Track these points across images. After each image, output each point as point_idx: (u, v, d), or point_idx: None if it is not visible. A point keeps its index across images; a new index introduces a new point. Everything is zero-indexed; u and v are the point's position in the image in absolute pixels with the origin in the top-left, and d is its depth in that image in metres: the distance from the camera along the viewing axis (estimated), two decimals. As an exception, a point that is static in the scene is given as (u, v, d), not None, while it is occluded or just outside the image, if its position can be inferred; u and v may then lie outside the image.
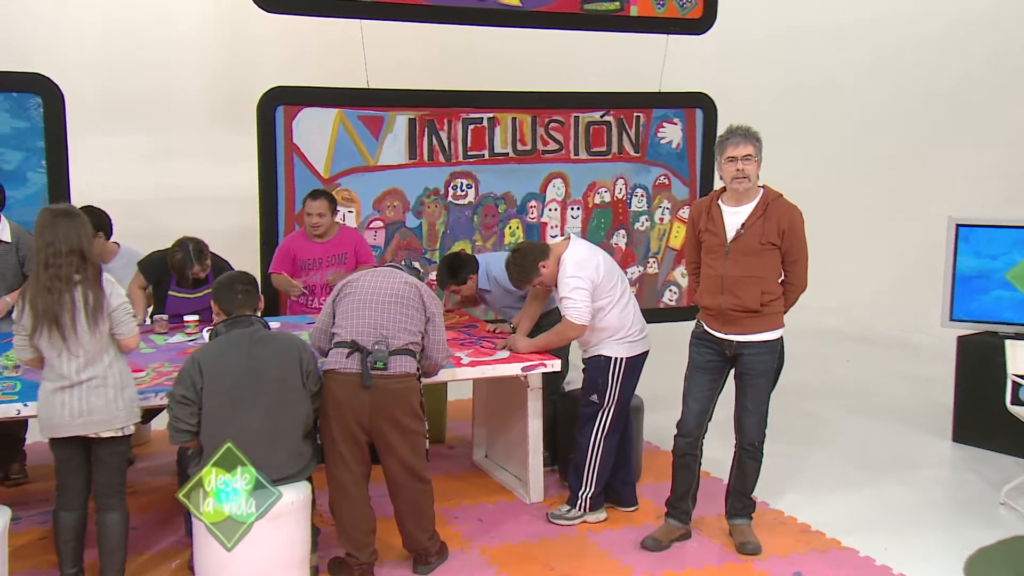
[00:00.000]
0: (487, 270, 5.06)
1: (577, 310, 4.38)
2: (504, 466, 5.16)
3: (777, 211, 4.09)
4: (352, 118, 5.79)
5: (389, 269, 4.05)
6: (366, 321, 3.81)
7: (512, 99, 6.21)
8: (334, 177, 5.80)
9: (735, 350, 4.17)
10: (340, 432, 3.76)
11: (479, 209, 6.22)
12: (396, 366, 3.79)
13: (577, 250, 4.51)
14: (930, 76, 8.78)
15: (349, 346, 3.76)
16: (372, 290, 3.89)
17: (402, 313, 3.86)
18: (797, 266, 4.17)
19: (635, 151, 6.57)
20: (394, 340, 3.80)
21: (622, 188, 6.58)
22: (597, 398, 4.53)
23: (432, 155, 6.02)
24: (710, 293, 4.18)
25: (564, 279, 4.41)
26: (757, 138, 4.09)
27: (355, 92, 5.78)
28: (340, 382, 3.75)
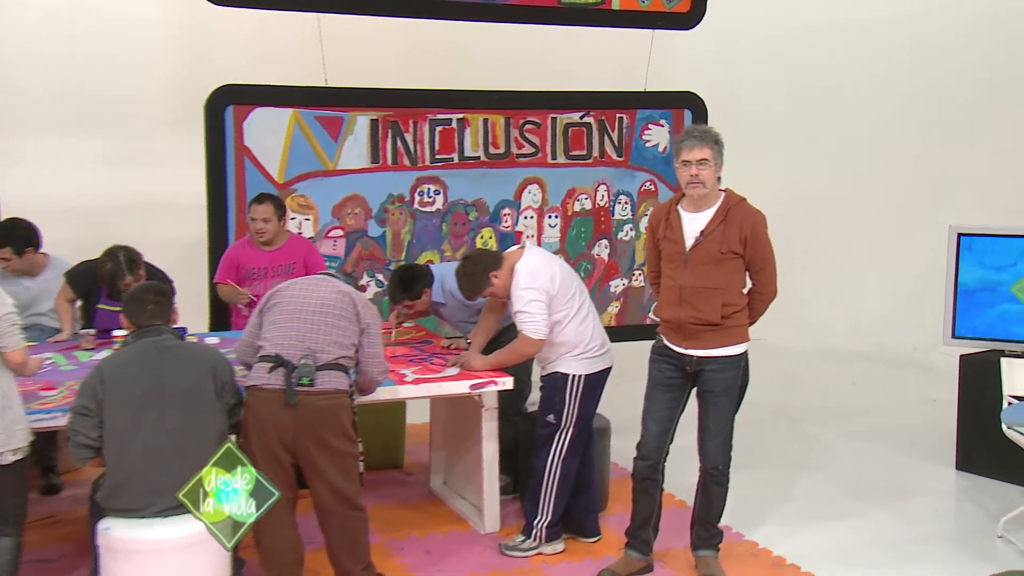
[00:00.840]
0: (442, 282, 5.05)
1: (533, 324, 4.37)
2: (462, 494, 5.14)
3: (738, 217, 4.09)
4: (309, 119, 5.82)
5: (321, 277, 4.06)
6: (292, 333, 3.81)
7: (484, 99, 6.23)
8: (289, 182, 5.83)
9: (696, 366, 4.16)
10: (262, 453, 3.75)
11: (448, 217, 6.22)
12: (324, 382, 3.78)
13: (531, 259, 4.50)
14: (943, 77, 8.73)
15: (273, 360, 3.76)
16: (300, 300, 3.89)
17: (332, 325, 3.86)
18: (765, 274, 4.16)
19: (618, 155, 6.56)
20: (323, 354, 3.80)
21: (604, 195, 6.57)
22: (554, 418, 4.51)
23: (396, 159, 6.03)
24: (669, 305, 4.18)
25: (518, 291, 4.41)
26: (716, 140, 4.09)
27: (312, 91, 5.81)
28: (262, 399, 3.75)
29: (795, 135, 9.00)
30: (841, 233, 9.11)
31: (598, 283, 6.64)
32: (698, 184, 4.06)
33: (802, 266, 9.10)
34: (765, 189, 8.95)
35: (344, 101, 5.88)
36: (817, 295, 9.18)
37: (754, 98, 8.91)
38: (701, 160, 4.04)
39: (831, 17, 8.76)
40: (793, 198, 9.02)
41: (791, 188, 9.01)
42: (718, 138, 4.12)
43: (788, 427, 6.59)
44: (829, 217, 9.11)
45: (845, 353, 8.67)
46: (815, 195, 9.03)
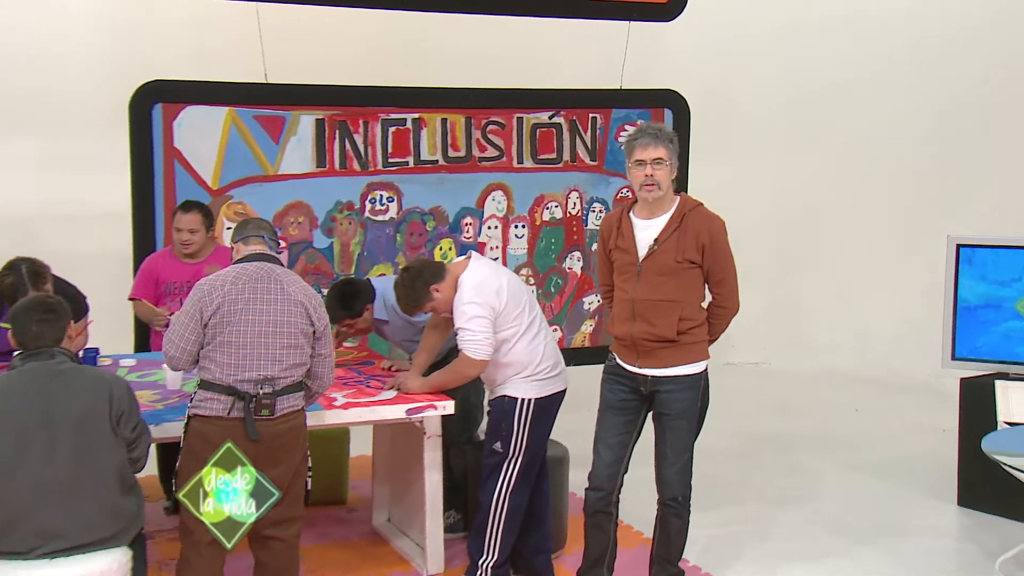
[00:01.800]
0: (384, 298, 5.04)
1: (475, 342, 4.36)
2: (405, 531, 5.11)
3: (695, 223, 4.10)
4: (247, 118, 5.81)
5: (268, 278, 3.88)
6: (249, 362, 3.78)
7: (442, 96, 6.21)
8: (225, 188, 5.82)
9: (650, 387, 4.16)
10: None
11: (403, 227, 6.21)
12: (282, 406, 3.80)
13: (477, 271, 4.50)
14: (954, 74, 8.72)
15: (227, 392, 3.75)
16: (253, 318, 3.82)
17: (290, 346, 3.84)
18: (725, 285, 4.17)
19: (591, 159, 6.56)
20: (282, 380, 3.82)
21: (576, 202, 6.57)
22: (500, 446, 4.49)
23: (345, 162, 6.03)
24: (621, 320, 4.18)
25: (460, 306, 4.40)
26: (671, 139, 4.12)
27: (250, 88, 5.80)
28: (216, 427, 3.73)
29: (794, 138, 9.00)
30: (845, 245, 9.10)
31: (570, 299, 6.63)
32: (653, 186, 4.07)
33: (802, 282, 9.16)
34: (761, 197, 9.12)
35: (286, 99, 5.86)
36: (819, 313, 9.17)
37: (749, 99, 8.93)
38: (656, 160, 4.06)
39: (832, 10, 8.77)
40: (791, 207, 9.02)
41: (789, 196, 9.02)
42: (673, 138, 4.15)
43: (778, 457, 6.56)
44: (831, 227, 9.10)
45: (850, 377, 8.65)
46: (816, 203, 9.02)
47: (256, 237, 4.10)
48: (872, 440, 7.04)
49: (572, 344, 6.62)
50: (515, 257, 6.47)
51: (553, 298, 6.60)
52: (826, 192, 9.06)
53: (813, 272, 9.19)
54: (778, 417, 7.52)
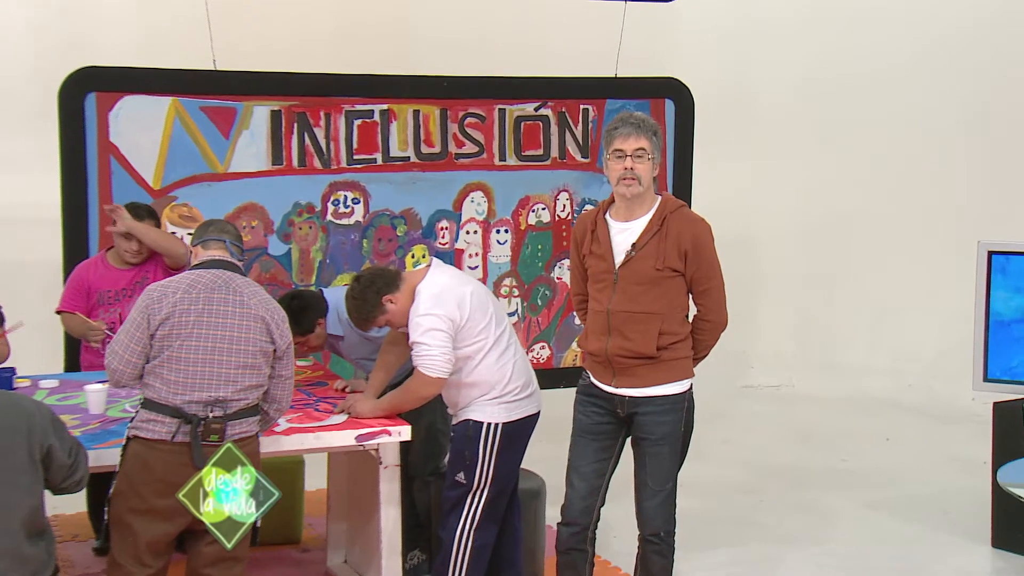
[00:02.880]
0: (338, 310, 5.02)
1: (430, 358, 4.35)
2: (363, 573, 5.08)
3: (677, 226, 4.11)
4: (193, 110, 5.81)
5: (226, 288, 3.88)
6: (199, 381, 3.77)
7: (414, 86, 6.22)
8: (168, 188, 5.82)
9: (628, 408, 4.16)
10: (148, 518, 3.73)
11: (370, 232, 6.21)
12: (233, 431, 3.81)
13: (437, 280, 4.49)
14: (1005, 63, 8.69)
15: (173, 413, 3.75)
16: (205, 332, 3.80)
17: (246, 366, 3.83)
18: (710, 296, 4.18)
19: (582, 155, 6.56)
20: (234, 403, 3.82)
21: (566, 204, 6.57)
22: (464, 477, 4.48)
23: (304, 159, 6.03)
24: (595, 334, 4.18)
25: (415, 318, 4.40)
26: (655, 131, 4.12)
27: (196, 75, 5.82)
28: (158, 452, 3.72)
29: (819, 135, 8.96)
30: (879, 255, 9.06)
31: (560, 313, 6.63)
32: (632, 180, 4.08)
33: (830, 296, 9.13)
34: (782, 203, 9.11)
35: (238, 88, 5.87)
36: (850, 331, 9.14)
37: (766, 89, 8.91)
38: (637, 151, 4.07)
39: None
40: (817, 213, 9.01)
41: (815, 201, 9.00)
42: (657, 130, 4.16)
43: (793, 493, 6.52)
44: (863, 235, 9.07)
45: (884, 402, 8.60)
46: (845, 209, 8.99)
47: (217, 241, 4.11)
48: (902, 474, 6.99)
49: (562, 363, 6.63)
50: (497, 265, 6.48)
51: (540, 311, 6.60)
52: (857, 196, 9.02)
53: (843, 285, 9.15)
54: (797, 447, 7.47)
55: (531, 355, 6.50)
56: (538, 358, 6.53)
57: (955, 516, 6.19)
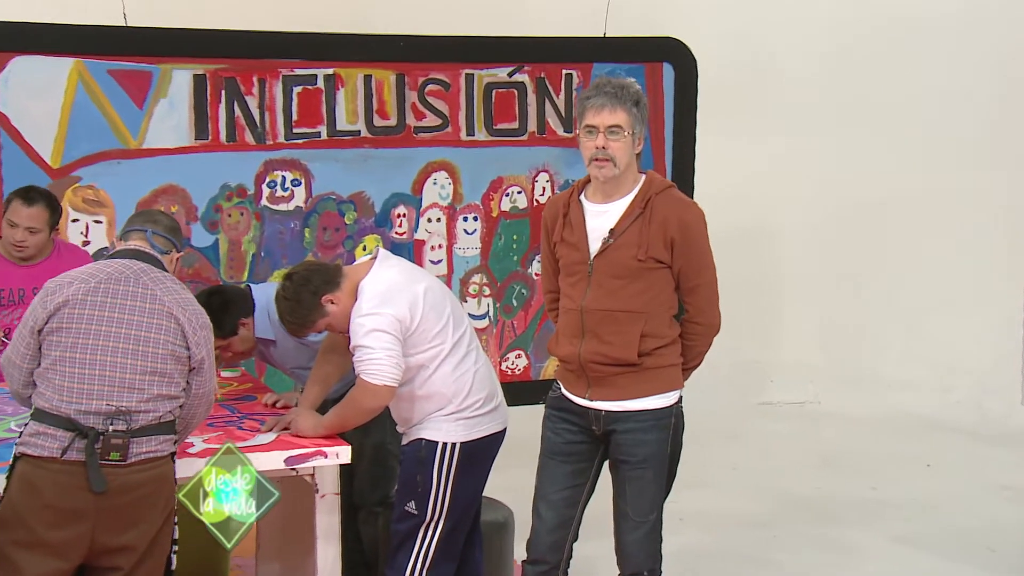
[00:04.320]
0: (268, 310, 4.95)
1: (375, 363, 4.30)
2: (299, 620, 5.06)
3: (663, 210, 4.06)
4: (100, 74, 5.79)
5: (131, 274, 3.81)
6: (95, 387, 3.71)
7: (366, 46, 6.23)
8: (70, 167, 5.81)
9: (605, 425, 4.13)
10: (36, 553, 3.65)
11: (313, 219, 6.22)
12: (140, 451, 3.74)
13: (383, 276, 4.46)
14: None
15: (64, 425, 3.69)
16: (106, 330, 3.75)
17: (155, 372, 3.77)
18: (699, 294, 4.15)
19: (564, 129, 6.56)
20: (140, 415, 3.75)
21: (545, 187, 6.58)
22: (415, 507, 4.44)
23: (234, 133, 6.04)
24: (567, 337, 4.16)
25: (357, 319, 4.36)
26: (636, 100, 4.07)
27: (104, 32, 5.79)
28: (48, 472, 3.65)
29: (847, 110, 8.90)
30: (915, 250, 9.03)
31: (538, 316, 6.64)
32: (606, 161, 4.04)
33: (863, 297, 9.11)
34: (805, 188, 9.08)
35: (153, 47, 5.87)
36: (887, 339, 9.12)
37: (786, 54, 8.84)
38: (612, 128, 4.03)
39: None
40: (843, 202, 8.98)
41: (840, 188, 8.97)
42: (640, 98, 4.11)
43: (814, 527, 6.49)
44: (897, 228, 9.02)
45: (925, 422, 8.57)
46: (876, 198, 8.94)
47: (138, 232, 4.06)
48: (942, 505, 6.95)
49: (542, 375, 6.67)
50: (464, 259, 6.48)
51: (516, 314, 6.61)
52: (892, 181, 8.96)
53: (876, 285, 9.11)
54: (821, 473, 7.42)
55: (505, 365, 6.52)
56: (513, 368, 6.53)
57: (1004, 554, 6.16)
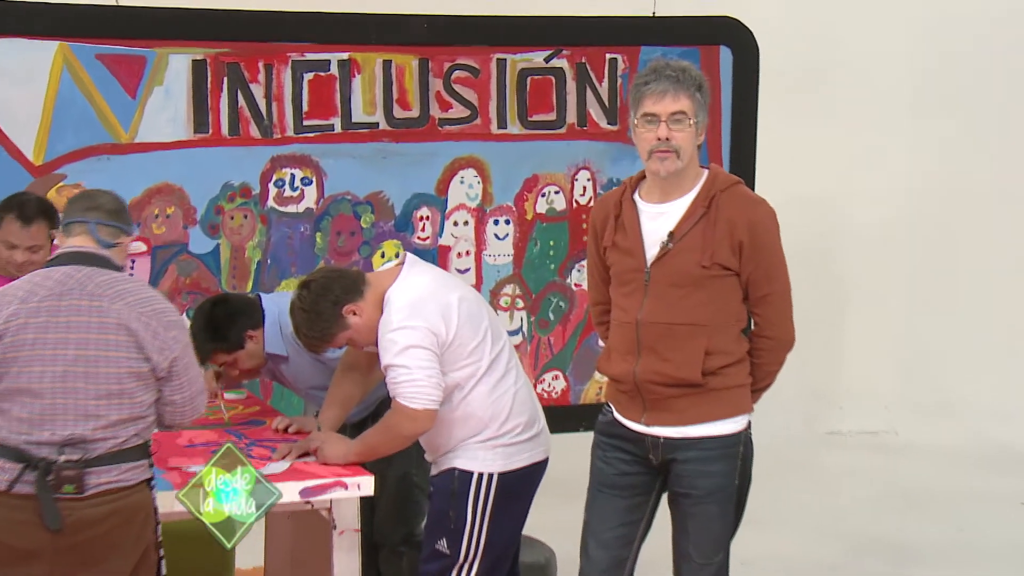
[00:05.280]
0: (281, 322, 5.01)
1: (413, 385, 4.31)
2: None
3: (729, 210, 4.07)
4: (87, 59, 5.82)
5: (71, 290, 3.78)
6: (46, 415, 3.71)
7: (385, 27, 6.25)
8: (54, 163, 5.83)
9: (664, 454, 4.15)
10: None
11: (325, 222, 6.23)
12: (100, 481, 3.74)
13: (413, 283, 4.48)
14: None
15: (12, 457, 3.70)
16: (52, 354, 3.74)
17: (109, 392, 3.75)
18: (771, 304, 4.15)
19: (608, 121, 6.59)
20: (98, 443, 3.76)
21: (586, 186, 6.60)
22: (447, 546, 4.47)
23: (237, 126, 6.06)
24: (620, 354, 4.17)
25: (387, 333, 4.37)
26: (699, 85, 4.08)
27: (92, 12, 5.81)
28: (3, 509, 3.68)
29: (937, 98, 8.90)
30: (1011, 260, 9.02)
31: (578, 332, 6.65)
32: (668, 153, 4.04)
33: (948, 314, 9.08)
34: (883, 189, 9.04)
35: (148, 29, 5.89)
36: (974, 361, 9.07)
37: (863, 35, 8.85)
38: (675, 114, 4.04)
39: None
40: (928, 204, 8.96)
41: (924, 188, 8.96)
42: (702, 83, 4.12)
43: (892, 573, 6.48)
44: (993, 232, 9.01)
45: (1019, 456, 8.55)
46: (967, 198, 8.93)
47: (78, 224, 4.00)
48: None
49: (582, 399, 6.66)
50: (494, 268, 6.49)
51: (552, 329, 6.60)
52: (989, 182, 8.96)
53: (966, 298, 9.09)
54: (899, 513, 7.38)
55: (540, 388, 6.50)
56: (550, 392, 6.52)
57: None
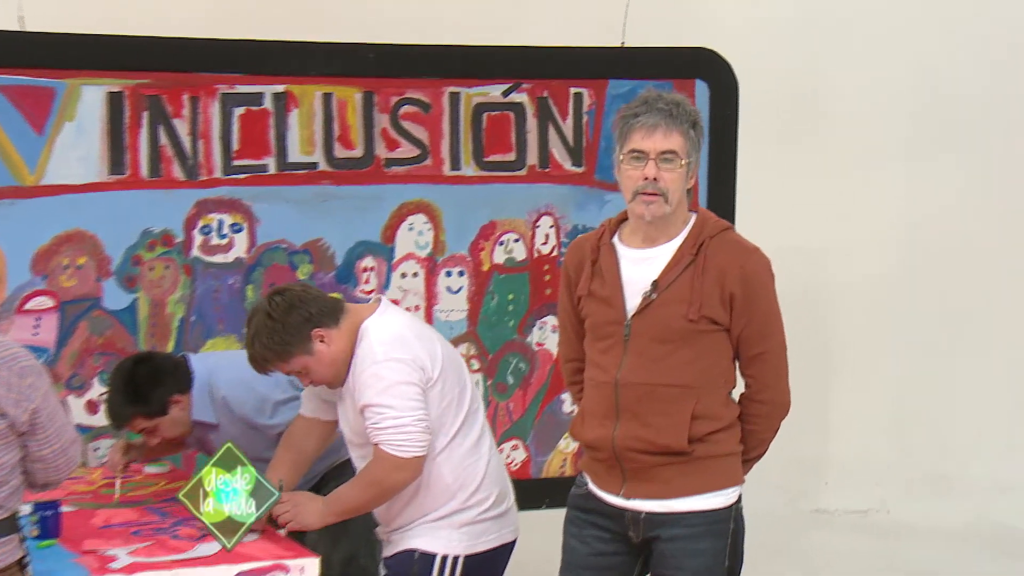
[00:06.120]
0: (211, 386, 5.11)
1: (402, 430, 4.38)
2: None
3: (720, 257, 4.12)
4: (-11, 90, 5.83)
5: None
6: None
7: (325, 56, 6.27)
8: (-51, 207, 5.81)
9: (646, 531, 4.17)
10: None
11: (257, 273, 6.24)
12: None
13: (394, 319, 4.62)
14: None
15: None
16: None
17: None
18: (765, 363, 4.20)
19: (573, 162, 6.64)
20: None
21: (549, 234, 6.64)
22: (406, 643, 4.55)
23: (158, 167, 6.05)
24: (597, 417, 4.19)
25: (369, 367, 4.44)
26: (694, 121, 4.14)
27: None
28: None
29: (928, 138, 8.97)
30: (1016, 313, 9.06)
31: (540, 396, 6.68)
32: (656, 196, 4.07)
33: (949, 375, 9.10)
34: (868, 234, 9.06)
35: (58, 58, 5.89)
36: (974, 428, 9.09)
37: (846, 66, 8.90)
38: (667, 153, 4.07)
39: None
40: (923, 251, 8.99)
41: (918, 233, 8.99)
42: (696, 119, 4.17)
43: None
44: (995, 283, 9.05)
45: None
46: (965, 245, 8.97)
47: None
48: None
49: (544, 472, 6.67)
50: (447, 325, 6.47)
51: (512, 394, 6.62)
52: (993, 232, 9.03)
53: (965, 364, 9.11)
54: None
55: (498, 459, 6.49)
56: (508, 463, 6.44)
57: None
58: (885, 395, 9.19)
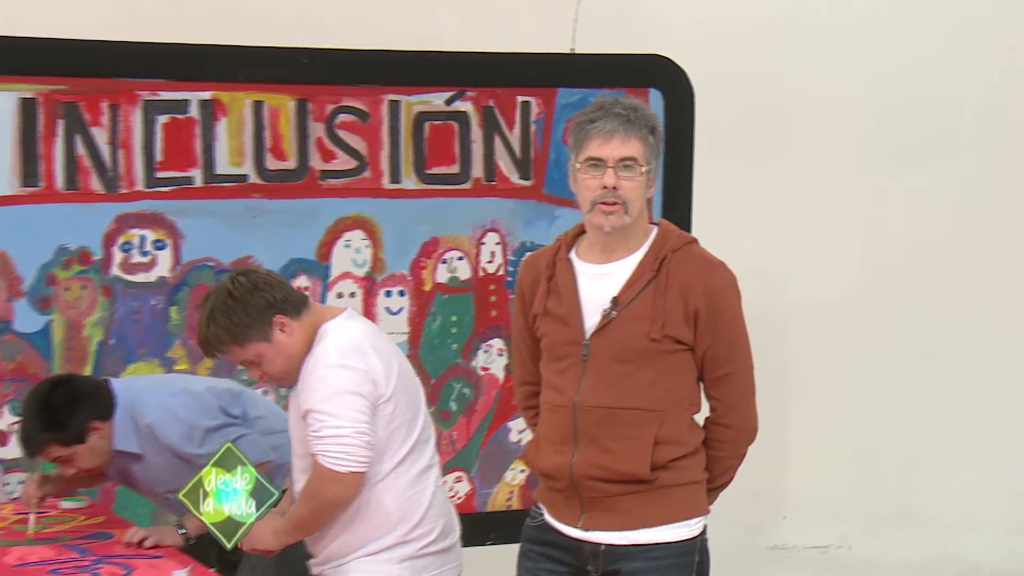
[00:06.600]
0: (134, 413, 5.08)
1: (338, 442, 4.34)
2: None
3: (684, 272, 4.13)
4: None
5: None
6: None
7: (256, 62, 6.27)
8: None
9: (605, 564, 4.16)
10: None
11: (182, 294, 6.23)
12: None
13: (356, 327, 4.60)
14: None
15: None
16: None
17: None
18: (731, 385, 4.23)
19: (521, 175, 6.67)
20: None
21: (495, 251, 6.67)
22: None
23: (75, 179, 6.03)
24: (553, 443, 4.19)
25: (319, 370, 4.42)
26: (652, 127, 4.15)
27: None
28: None
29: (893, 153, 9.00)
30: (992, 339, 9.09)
31: (486, 424, 6.69)
32: (615, 206, 4.07)
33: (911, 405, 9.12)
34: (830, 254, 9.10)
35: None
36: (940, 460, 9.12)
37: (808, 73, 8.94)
38: (626, 160, 4.07)
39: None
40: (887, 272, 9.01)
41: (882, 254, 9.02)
42: (655, 125, 4.18)
43: None
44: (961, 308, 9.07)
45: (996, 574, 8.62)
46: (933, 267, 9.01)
47: None
48: None
49: (489, 505, 6.69)
50: (385, 350, 6.46)
51: (455, 422, 6.63)
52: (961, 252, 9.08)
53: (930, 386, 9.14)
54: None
55: (441, 492, 6.49)
56: (452, 496, 6.47)
57: None
58: (846, 425, 9.18)
